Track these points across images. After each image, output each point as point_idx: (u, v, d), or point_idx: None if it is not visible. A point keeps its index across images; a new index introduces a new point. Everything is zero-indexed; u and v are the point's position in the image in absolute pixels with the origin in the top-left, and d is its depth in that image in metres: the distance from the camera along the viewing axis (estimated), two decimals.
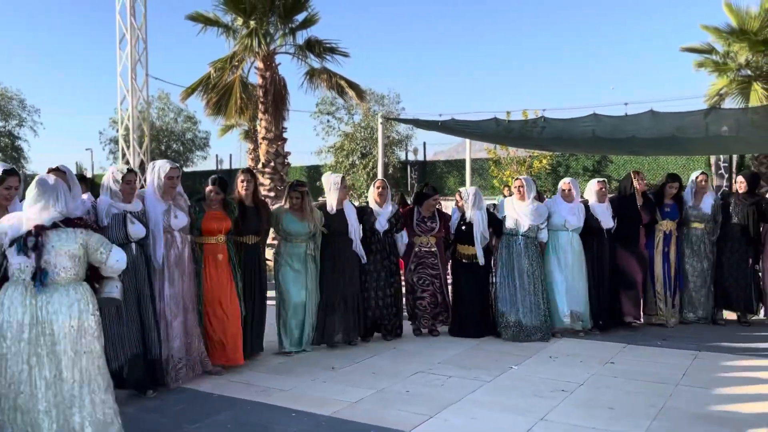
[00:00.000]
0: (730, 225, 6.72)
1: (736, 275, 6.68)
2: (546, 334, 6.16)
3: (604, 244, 6.43)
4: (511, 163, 18.05)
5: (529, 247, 6.25)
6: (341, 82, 11.48)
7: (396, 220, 6.17)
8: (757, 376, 4.91)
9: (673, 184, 6.81)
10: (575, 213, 6.34)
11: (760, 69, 12.56)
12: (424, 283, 6.29)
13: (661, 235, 6.74)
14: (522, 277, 6.19)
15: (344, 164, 18.58)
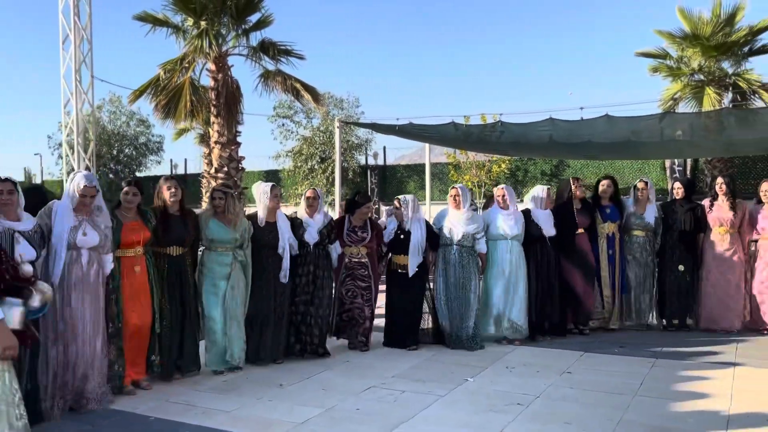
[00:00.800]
0: (670, 232, 6.75)
1: (675, 282, 6.70)
2: (477, 344, 6.02)
3: (547, 251, 6.35)
4: (470, 167, 18.03)
5: (464, 257, 6.11)
6: (297, 85, 11.20)
7: (328, 231, 5.90)
8: (713, 384, 4.83)
9: (604, 182, 6.82)
10: (513, 220, 6.23)
11: (713, 74, 12.76)
12: (352, 296, 6.02)
13: (605, 239, 6.71)
14: (456, 287, 6.07)
15: (303, 169, 18.26)
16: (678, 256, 6.71)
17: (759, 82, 12.46)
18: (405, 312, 6.11)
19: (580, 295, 6.51)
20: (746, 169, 15.10)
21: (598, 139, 10.42)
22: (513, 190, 6.50)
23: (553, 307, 6.38)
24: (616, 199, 6.84)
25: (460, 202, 6.17)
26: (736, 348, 5.94)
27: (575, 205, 6.59)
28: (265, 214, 5.56)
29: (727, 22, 12.40)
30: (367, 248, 6.03)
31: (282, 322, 5.60)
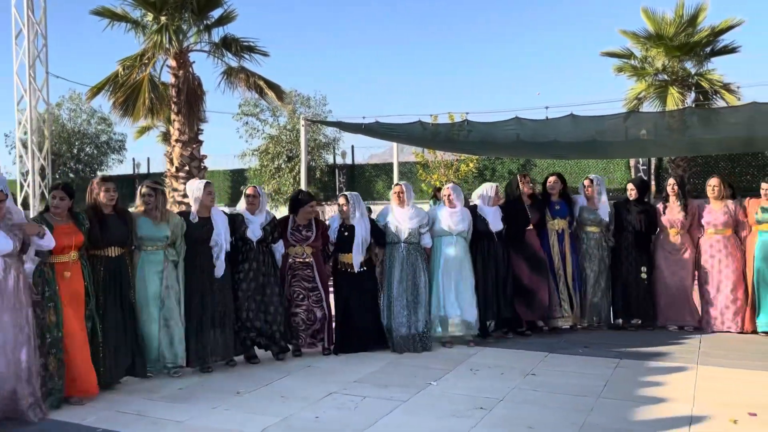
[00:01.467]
0: (624, 233, 6.77)
1: (630, 281, 6.72)
2: (429, 343, 5.96)
3: (495, 247, 6.32)
4: (438, 166, 17.99)
5: (412, 254, 6.05)
6: (260, 83, 10.97)
7: (271, 229, 5.74)
8: (676, 385, 4.80)
9: (551, 178, 6.82)
10: (458, 217, 6.18)
11: (676, 74, 12.91)
12: (298, 298, 5.85)
13: (555, 236, 6.69)
14: (405, 286, 5.98)
15: (269, 168, 17.99)
16: (633, 257, 6.73)
17: (721, 82, 12.64)
18: (355, 313, 5.95)
19: (532, 290, 6.49)
20: (709, 168, 15.30)
21: (564, 139, 10.47)
22: (460, 189, 6.43)
23: (504, 304, 6.33)
24: (565, 195, 6.84)
25: (404, 200, 6.10)
26: (699, 347, 5.94)
27: (525, 201, 6.59)
28: (197, 209, 5.39)
29: (690, 23, 12.56)
30: (312, 248, 5.88)
31: (226, 321, 5.41)
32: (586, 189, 6.87)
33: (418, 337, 5.96)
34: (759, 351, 5.74)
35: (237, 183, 20.04)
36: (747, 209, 6.49)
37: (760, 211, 6.36)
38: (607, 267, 6.78)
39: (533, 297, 6.49)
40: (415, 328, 5.96)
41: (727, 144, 10.97)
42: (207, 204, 5.43)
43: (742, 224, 6.53)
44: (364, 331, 5.96)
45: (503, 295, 6.33)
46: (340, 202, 6.08)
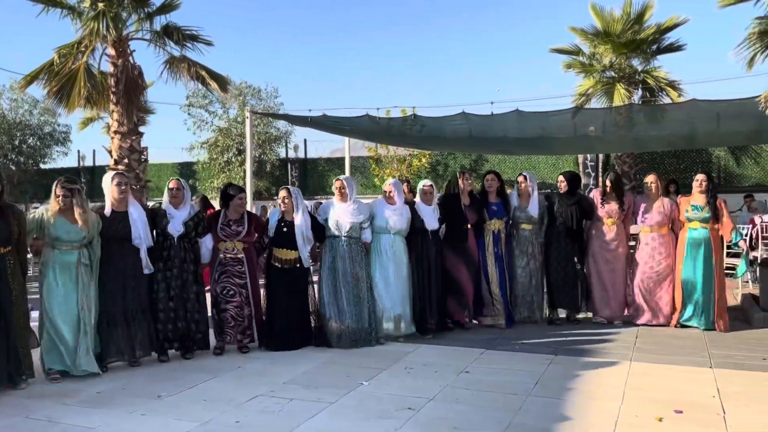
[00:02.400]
0: (555, 225, 6.82)
1: (563, 274, 6.77)
2: (372, 339, 5.91)
3: (429, 245, 6.29)
4: (391, 161, 17.90)
5: (353, 249, 5.98)
6: (203, 73, 10.63)
7: (195, 223, 5.54)
8: (606, 381, 4.79)
9: (488, 176, 6.84)
10: (398, 215, 6.15)
11: (623, 71, 13.05)
12: (228, 294, 5.68)
13: (491, 235, 6.69)
14: (346, 280, 5.90)
15: (219, 161, 17.59)
16: (565, 249, 6.77)
17: (666, 79, 12.82)
18: (289, 311, 5.81)
19: (464, 289, 6.49)
20: (654, 165, 15.62)
21: (513, 134, 10.50)
22: (401, 185, 6.38)
23: (437, 302, 6.30)
24: (502, 194, 6.83)
25: (346, 194, 6.00)
26: (635, 343, 5.98)
27: (464, 200, 6.55)
28: (112, 204, 5.18)
29: (637, 20, 12.70)
30: (244, 243, 5.71)
31: (143, 318, 5.23)
32: (520, 185, 6.88)
33: (361, 332, 5.88)
34: (692, 346, 5.80)
35: (185, 176, 19.46)
36: (679, 207, 6.59)
37: (690, 208, 6.49)
38: (539, 263, 6.81)
39: (463, 295, 6.51)
40: (356, 323, 5.87)
41: (671, 140, 11.17)
42: (117, 197, 5.19)
43: (676, 222, 6.63)
44: (294, 329, 5.82)
45: (434, 293, 6.29)
46: (282, 195, 5.93)
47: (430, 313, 6.28)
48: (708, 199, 6.43)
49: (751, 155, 15.20)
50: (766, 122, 8.20)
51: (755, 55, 7.20)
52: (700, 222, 6.41)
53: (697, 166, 15.63)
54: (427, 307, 6.26)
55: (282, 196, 5.92)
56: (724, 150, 15.32)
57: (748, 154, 15.23)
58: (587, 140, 11.11)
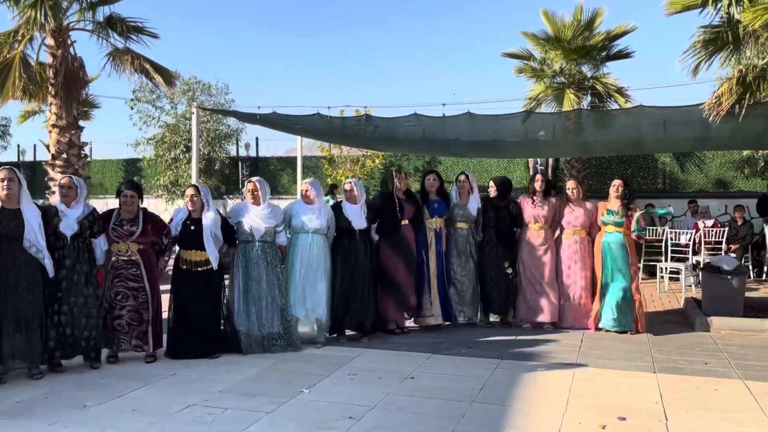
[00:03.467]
0: (487, 229, 6.87)
1: (495, 279, 6.81)
2: (288, 344, 5.72)
3: (357, 245, 6.16)
4: (345, 161, 17.69)
5: (268, 253, 5.79)
6: (147, 66, 10.20)
7: (90, 222, 5.23)
8: (551, 387, 4.73)
9: (429, 176, 6.87)
10: (315, 214, 6.01)
11: (573, 76, 13.18)
12: (122, 299, 5.37)
13: (432, 234, 6.69)
14: (259, 285, 5.70)
15: (166, 158, 17.05)
16: (497, 253, 6.81)
17: (615, 86, 13.00)
18: (198, 316, 5.53)
19: (401, 288, 6.40)
20: (602, 170, 15.88)
21: (465, 137, 10.48)
22: (318, 184, 6.26)
23: (367, 303, 6.17)
24: (443, 193, 6.83)
25: (259, 197, 5.82)
26: (580, 347, 5.97)
27: (400, 197, 6.52)
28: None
29: (587, 27, 12.82)
30: (139, 244, 5.40)
31: (32, 324, 4.81)
32: (461, 183, 6.88)
33: (275, 338, 5.70)
34: (636, 350, 5.83)
35: (130, 173, 18.92)
36: (598, 212, 6.74)
37: (605, 213, 6.64)
38: (475, 263, 6.83)
39: (402, 295, 6.42)
40: (270, 329, 5.68)
41: (619, 146, 11.33)
42: (10, 194, 4.79)
43: (594, 226, 6.79)
44: (203, 335, 5.54)
45: (363, 294, 6.15)
46: (190, 193, 5.65)
47: (357, 315, 6.14)
48: (623, 203, 6.59)
49: (695, 162, 15.59)
50: (710, 129, 8.38)
51: (700, 62, 7.32)
52: (614, 226, 6.56)
53: (644, 171, 15.96)
54: (354, 308, 6.11)
55: (190, 193, 5.62)
56: (670, 156, 15.65)
57: (692, 161, 15.61)
58: (537, 144, 11.16)
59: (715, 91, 7.66)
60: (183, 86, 17.00)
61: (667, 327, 6.90)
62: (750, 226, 10.81)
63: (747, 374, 5.01)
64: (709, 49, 7.16)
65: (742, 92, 7.42)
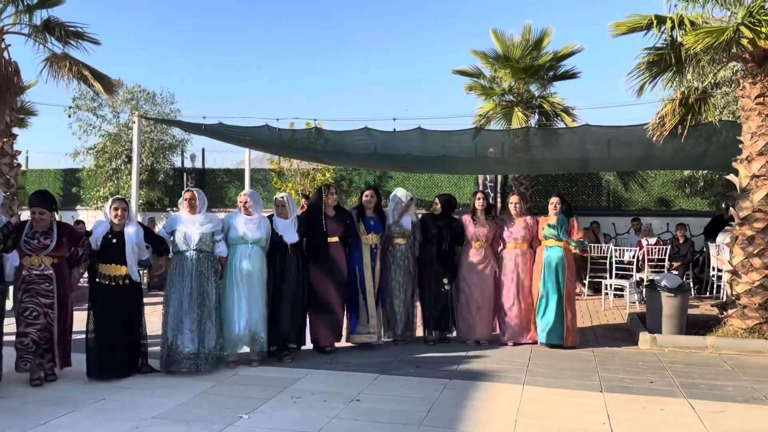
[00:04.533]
0: (429, 246, 6.86)
1: (434, 295, 6.80)
2: (219, 362, 5.54)
3: (289, 259, 6.01)
4: (294, 174, 17.44)
5: (202, 264, 5.55)
6: (86, 73, 9.78)
7: (5, 236, 4.92)
8: (499, 407, 4.64)
9: (367, 192, 6.82)
10: (254, 225, 5.83)
11: (521, 95, 13.36)
12: (31, 315, 5.05)
13: (368, 250, 6.61)
14: (192, 299, 5.46)
15: (106, 168, 16.41)
16: (437, 270, 6.79)
17: (561, 105, 13.23)
18: (117, 333, 5.27)
19: (329, 306, 6.30)
20: (549, 187, 16.11)
21: (416, 152, 10.44)
22: (257, 195, 6.06)
23: (299, 320, 6.03)
24: (379, 210, 6.79)
25: (196, 206, 5.62)
26: (528, 365, 5.92)
27: (329, 213, 6.42)
28: None
29: (535, 47, 13.02)
30: (53, 258, 5.12)
31: None
32: (400, 200, 6.84)
33: (209, 355, 5.47)
34: (583, 369, 5.81)
35: (69, 184, 18.16)
36: (539, 226, 6.85)
37: (546, 227, 6.77)
38: (414, 279, 6.81)
39: (331, 314, 6.33)
40: (201, 346, 5.44)
41: (565, 164, 11.52)
42: None
43: (535, 240, 6.88)
44: (121, 354, 5.28)
45: (297, 310, 6.02)
46: (116, 205, 5.37)
47: (286, 332, 5.97)
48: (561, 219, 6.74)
49: (639, 181, 16.00)
50: (653, 149, 8.59)
51: (644, 83, 7.45)
52: (555, 240, 6.69)
53: (589, 189, 16.28)
54: (285, 325, 5.94)
55: (117, 206, 5.35)
56: (614, 175, 16.03)
57: (635, 180, 16.02)
58: (487, 161, 11.26)
59: (659, 112, 7.86)
60: (126, 95, 16.46)
61: (613, 343, 6.96)
62: (691, 244, 11.10)
63: (691, 393, 5.04)
64: (653, 70, 7.31)
65: (684, 113, 7.63)
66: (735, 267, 7.02)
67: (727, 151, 7.77)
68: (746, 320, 6.85)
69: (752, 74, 6.94)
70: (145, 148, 16.28)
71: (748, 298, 6.87)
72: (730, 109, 11.02)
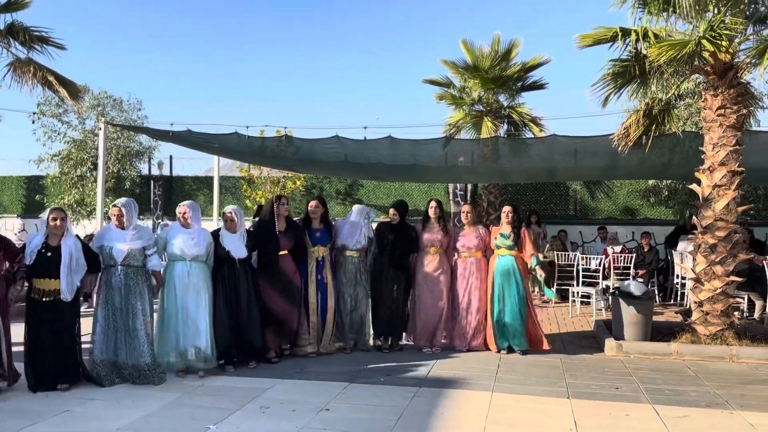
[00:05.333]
0: (384, 254, 6.91)
1: (389, 302, 6.83)
2: (154, 376, 5.38)
3: (237, 273, 5.93)
4: (265, 182, 17.33)
5: (131, 279, 5.42)
6: (51, 78, 9.60)
7: None
8: (468, 415, 4.66)
9: (312, 203, 6.78)
10: (193, 240, 5.71)
11: (491, 105, 13.51)
12: None
13: (314, 262, 6.59)
14: (123, 313, 5.36)
15: (71, 176, 16.10)
16: (392, 277, 6.84)
17: (529, 115, 13.42)
18: (53, 348, 5.15)
19: (282, 318, 6.26)
20: (518, 196, 16.30)
21: (386, 161, 10.47)
22: (198, 207, 5.97)
23: (248, 332, 5.94)
24: (326, 221, 6.76)
25: (123, 221, 5.46)
26: (496, 372, 5.96)
27: (280, 226, 6.36)
28: None
29: (504, 57, 13.19)
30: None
31: None
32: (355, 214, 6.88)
33: (139, 368, 5.34)
34: (550, 375, 5.87)
35: (33, 191, 17.78)
36: (491, 236, 6.98)
37: (498, 236, 6.91)
38: (366, 290, 6.82)
39: (282, 325, 6.29)
40: (133, 360, 5.33)
41: (533, 173, 11.67)
42: None
43: (488, 249, 7.01)
44: (57, 369, 5.16)
45: (249, 323, 5.94)
46: (54, 216, 5.24)
47: (237, 345, 5.90)
48: (513, 228, 6.87)
49: (605, 190, 16.30)
50: (619, 159, 8.75)
51: (610, 94, 7.59)
52: (506, 249, 6.82)
53: (557, 198, 16.52)
54: (235, 338, 5.87)
55: (55, 216, 5.22)
56: (580, 184, 16.30)
57: (601, 189, 16.32)
58: (457, 170, 11.34)
59: (624, 123, 8.02)
60: (92, 101, 16.19)
61: (580, 350, 7.06)
62: (656, 252, 11.32)
63: (656, 398, 5.13)
64: (618, 81, 7.45)
65: (649, 124, 7.80)
66: (698, 275, 7.17)
67: (690, 161, 7.95)
68: (709, 327, 7.01)
69: (713, 86, 7.13)
70: (112, 155, 16.02)
71: (711, 305, 7.03)
72: (693, 120, 11.32)
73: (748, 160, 7.29)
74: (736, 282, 7.18)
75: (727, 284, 7.01)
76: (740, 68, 7.03)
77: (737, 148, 7.04)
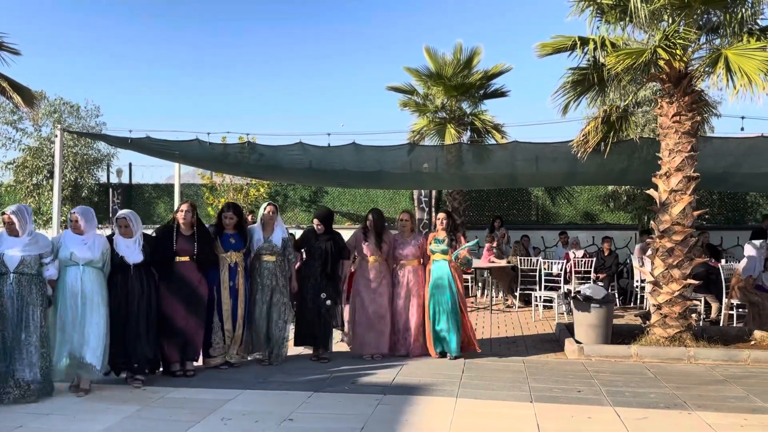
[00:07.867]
0: (312, 262, 6.84)
1: (315, 310, 6.72)
2: (42, 390, 5.18)
3: (131, 280, 5.72)
4: (227, 190, 17.13)
5: (24, 287, 5.21)
6: (3, 84, 9.34)
7: None
8: (432, 422, 4.66)
9: (227, 213, 6.54)
10: (86, 245, 5.52)
11: (454, 112, 13.63)
12: None
13: (227, 268, 6.41)
14: (14, 324, 5.15)
15: (26, 184, 15.65)
16: (319, 286, 6.73)
17: (492, 122, 13.59)
18: None
19: (182, 329, 6.03)
20: (481, 202, 16.48)
21: (351, 168, 10.44)
22: (91, 212, 5.77)
23: (141, 341, 5.71)
24: (240, 227, 6.59)
25: (16, 230, 5.26)
26: (461, 377, 5.97)
27: (184, 232, 6.17)
28: None
29: (466, 65, 13.34)
30: None
31: None
32: (267, 214, 6.65)
33: (30, 383, 5.11)
34: (513, 379, 5.91)
35: None
36: (427, 242, 7.05)
37: (434, 242, 7.02)
38: (285, 296, 6.61)
39: (181, 337, 6.03)
40: (23, 373, 5.10)
41: (496, 179, 11.78)
42: None
43: (425, 255, 7.07)
44: None
45: (142, 331, 5.72)
46: None
47: (132, 356, 5.68)
48: (448, 234, 6.99)
49: (565, 196, 16.59)
50: (578, 165, 8.91)
51: (569, 102, 7.74)
52: (441, 254, 6.93)
53: (519, 204, 16.74)
54: (129, 348, 5.66)
55: None
56: (542, 190, 16.55)
57: (562, 195, 16.60)
58: (421, 176, 11.39)
59: (583, 129, 8.17)
60: (48, 107, 15.80)
61: (543, 354, 7.13)
62: (615, 256, 11.55)
63: (617, 401, 5.20)
64: (578, 89, 7.60)
65: (607, 131, 7.96)
66: (656, 278, 7.33)
67: (648, 167, 8.14)
68: (667, 329, 7.16)
69: (669, 94, 7.31)
70: (69, 163, 15.65)
71: (669, 307, 7.18)
72: (650, 126, 11.60)
73: (703, 166, 7.49)
74: (693, 285, 7.36)
75: (684, 287, 7.18)
76: (694, 76, 7.24)
77: (692, 154, 7.23)
